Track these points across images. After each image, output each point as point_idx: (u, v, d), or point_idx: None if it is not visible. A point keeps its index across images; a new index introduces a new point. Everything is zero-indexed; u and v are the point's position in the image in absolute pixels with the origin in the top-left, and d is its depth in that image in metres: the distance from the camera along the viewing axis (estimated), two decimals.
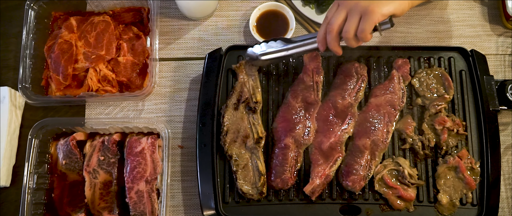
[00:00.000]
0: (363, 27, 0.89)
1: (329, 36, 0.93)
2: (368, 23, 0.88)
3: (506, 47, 1.22)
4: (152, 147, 1.09)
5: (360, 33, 0.90)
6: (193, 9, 1.18)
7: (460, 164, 1.03)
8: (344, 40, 0.93)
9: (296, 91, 1.08)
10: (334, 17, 0.92)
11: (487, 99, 1.07)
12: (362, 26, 0.89)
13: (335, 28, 0.92)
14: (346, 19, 0.91)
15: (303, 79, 1.09)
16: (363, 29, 0.89)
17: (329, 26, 0.92)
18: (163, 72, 1.20)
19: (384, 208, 1.04)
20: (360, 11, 0.89)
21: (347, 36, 0.91)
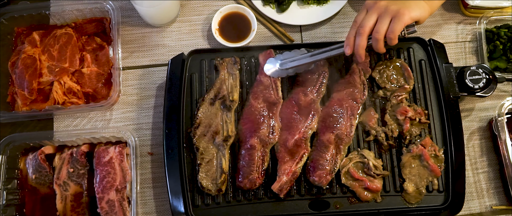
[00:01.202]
0: (394, 28, 0.96)
1: (360, 38, 0.99)
2: (399, 25, 0.96)
3: (465, 34, 1.25)
4: (120, 156, 1.10)
5: (390, 34, 0.97)
6: (155, 16, 1.19)
7: (423, 152, 1.05)
8: (373, 41, 0.99)
9: (256, 93, 1.09)
10: (366, 20, 0.99)
11: (447, 87, 1.09)
12: (393, 27, 0.96)
13: (366, 30, 0.98)
14: (376, 22, 0.98)
15: (260, 80, 1.10)
16: (394, 30, 0.96)
17: (361, 28, 0.98)
18: (129, 81, 1.21)
19: (352, 200, 1.05)
20: (391, 14, 0.97)
21: (378, 37, 0.98)
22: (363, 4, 1.03)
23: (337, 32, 1.24)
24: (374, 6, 0.99)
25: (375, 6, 0.99)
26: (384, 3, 0.98)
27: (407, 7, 0.97)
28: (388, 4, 0.98)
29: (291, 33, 1.24)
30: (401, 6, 0.97)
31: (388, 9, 0.97)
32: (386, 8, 0.98)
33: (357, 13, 1.03)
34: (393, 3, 0.98)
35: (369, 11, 1.00)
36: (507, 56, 1.18)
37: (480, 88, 1.09)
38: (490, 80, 1.10)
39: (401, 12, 0.96)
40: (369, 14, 0.99)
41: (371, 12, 0.99)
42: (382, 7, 0.98)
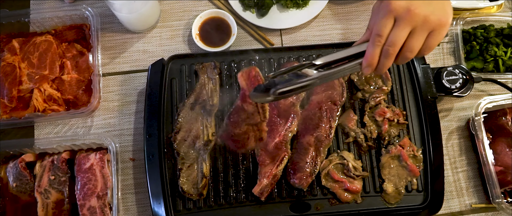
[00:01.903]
0: (433, 43, 0.76)
1: (387, 59, 0.77)
2: (439, 39, 0.77)
3: None
4: (101, 162, 1.10)
5: (426, 51, 0.77)
6: (135, 22, 1.19)
7: (402, 153, 1.06)
8: (400, 59, 0.78)
9: (237, 122, 1.03)
10: (397, 35, 0.74)
11: (424, 88, 1.11)
12: (432, 43, 0.76)
13: (398, 49, 0.76)
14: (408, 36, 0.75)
15: (242, 108, 1.04)
16: (432, 45, 0.76)
17: (390, 47, 0.75)
18: (110, 87, 1.21)
19: (333, 202, 1.06)
20: (431, 27, 0.74)
21: (410, 56, 0.77)
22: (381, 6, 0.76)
23: (317, 35, 1.26)
24: (407, 16, 0.73)
25: (409, 16, 0.73)
26: (422, 11, 0.73)
27: (446, 15, 0.75)
28: (427, 13, 0.73)
29: (271, 36, 1.25)
30: (442, 14, 0.74)
31: (427, 21, 0.73)
32: (425, 20, 0.73)
33: (377, 20, 0.76)
34: (432, 12, 0.73)
35: (399, 21, 0.74)
36: (483, 56, 1.20)
37: (457, 88, 1.11)
38: (467, 80, 1.12)
39: (444, 23, 0.75)
40: (400, 26, 0.74)
41: (404, 23, 0.74)
42: (420, 18, 0.73)
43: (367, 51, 0.77)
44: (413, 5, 0.73)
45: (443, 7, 0.75)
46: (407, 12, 0.73)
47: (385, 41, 0.75)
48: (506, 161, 1.11)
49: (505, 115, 1.14)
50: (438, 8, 0.74)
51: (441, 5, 0.75)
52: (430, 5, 0.74)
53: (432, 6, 0.74)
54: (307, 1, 1.24)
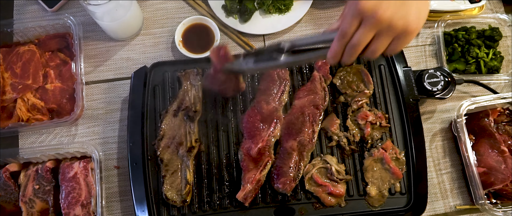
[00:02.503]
0: (397, 48, 0.75)
1: (349, 58, 0.76)
2: (404, 44, 0.74)
3: (425, 38, 1.27)
4: (84, 171, 1.10)
5: (391, 52, 0.76)
6: (118, 30, 1.20)
7: (384, 156, 1.07)
8: (365, 56, 0.78)
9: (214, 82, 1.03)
10: (361, 37, 0.73)
11: (406, 90, 1.11)
12: (396, 47, 0.74)
13: (359, 50, 0.75)
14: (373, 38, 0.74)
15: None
16: (396, 49, 0.75)
17: (353, 48, 0.74)
18: (94, 95, 1.21)
19: (317, 206, 1.06)
20: (397, 32, 0.72)
21: (373, 56, 0.76)
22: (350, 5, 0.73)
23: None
24: (372, 20, 0.70)
25: (374, 20, 0.70)
26: (387, 16, 0.70)
27: (415, 20, 0.71)
28: (392, 18, 0.70)
29: (255, 42, 1.26)
30: (409, 21, 0.71)
31: (392, 26, 0.71)
32: (390, 25, 0.71)
33: (343, 19, 0.75)
34: (399, 17, 0.70)
35: (365, 23, 0.72)
36: (465, 58, 1.21)
37: (438, 90, 1.11)
38: (448, 82, 1.13)
39: (410, 30, 0.72)
40: (365, 28, 0.72)
41: (368, 26, 0.71)
42: (385, 23, 0.70)
43: (332, 45, 0.77)
44: (380, 9, 0.69)
45: (415, 12, 0.72)
46: (373, 16, 0.70)
47: (349, 39, 0.74)
48: (489, 162, 1.11)
49: (488, 116, 1.15)
50: (408, 14, 0.71)
51: (413, 10, 0.71)
52: (400, 9, 0.70)
53: (402, 11, 0.70)
54: (289, 6, 1.25)
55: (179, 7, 1.28)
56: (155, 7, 1.28)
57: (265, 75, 1.13)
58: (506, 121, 1.17)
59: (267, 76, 1.13)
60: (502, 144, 1.11)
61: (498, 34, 1.23)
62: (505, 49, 1.24)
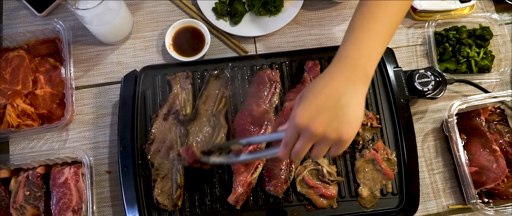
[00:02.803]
0: (337, 152, 0.80)
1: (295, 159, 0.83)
2: (341, 151, 0.79)
3: (416, 38, 1.27)
4: (75, 176, 1.09)
5: (333, 155, 0.84)
6: (107, 34, 1.19)
7: (376, 157, 1.06)
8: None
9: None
10: (300, 149, 0.79)
11: (397, 91, 1.11)
12: (336, 152, 0.80)
13: (303, 155, 0.81)
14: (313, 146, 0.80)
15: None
16: (337, 153, 0.80)
17: (296, 154, 0.81)
18: (84, 100, 1.21)
19: (309, 208, 1.06)
20: (331, 142, 0.77)
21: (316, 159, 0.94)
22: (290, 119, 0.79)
23: (290, 41, 1.26)
24: (308, 134, 0.76)
25: (309, 134, 0.76)
26: (320, 131, 0.75)
27: (349, 130, 0.76)
28: (325, 132, 0.75)
29: (245, 44, 1.25)
30: (342, 132, 0.75)
31: (326, 137, 0.76)
32: (324, 137, 0.76)
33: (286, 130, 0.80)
34: (332, 130, 0.75)
35: (302, 136, 0.78)
36: (456, 58, 1.21)
37: (429, 90, 1.11)
38: (439, 82, 1.13)
39: (343, 140, 0.76)
40: (303, 141, 0.78)
41: (305, 139, 0.77)
42: (319, 136, 0.76)
43: (280, 149, 0.82)
44: (314, 125, 0.75)
45: (347, 124, 0.75)
46: (308, 131, 0.76)
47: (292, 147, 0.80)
48: (481, 161, 1.11)
49: (479, 116, 1.15)
50: (340, 126, 0.75)
51: (345, 122, 0.75)
52: (332, 123, 0.75)
53: (334, 124, 0.75)
54: (280, 8, 1.24)
55: (169, 10, 1.28)
56: (146, 11, 1.28)
57: (255, 78, 1.13)
58: (497, 120, 1.16)
59: (258, 78, 1.12)
60: (493, 143, 1.11)
61: (489, 33, 1.23)
62: (496, 48, 1.24)
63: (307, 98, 0.77)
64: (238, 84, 1.14)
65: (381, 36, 0.80)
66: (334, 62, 0.80)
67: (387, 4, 0.81)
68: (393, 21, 0.82)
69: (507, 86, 1.24)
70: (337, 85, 0.76)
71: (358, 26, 0.81)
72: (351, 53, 0.78)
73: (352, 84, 0.76)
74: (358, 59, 0.78)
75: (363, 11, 0.82)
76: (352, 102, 0.76)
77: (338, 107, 0.75)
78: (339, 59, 0.79)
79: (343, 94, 0.75)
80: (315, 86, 0.77)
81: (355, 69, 0.77)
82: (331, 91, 0.76)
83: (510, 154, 1.12)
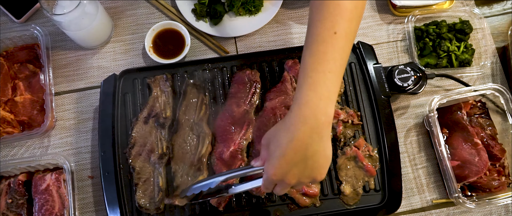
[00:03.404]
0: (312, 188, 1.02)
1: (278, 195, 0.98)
2: (316, 186, 1.04)
3: (396, 33, 1.27)
4: (57, 183, 1.09)
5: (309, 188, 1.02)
6: (86, 39, 1.19)
7: (357, 153, 1.06)
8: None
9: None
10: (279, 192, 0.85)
11: (377, 87, 1.11)
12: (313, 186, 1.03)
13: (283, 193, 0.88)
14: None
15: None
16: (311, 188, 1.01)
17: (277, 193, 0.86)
18: (65, 105, 1.20)
19: (292, 207, 1.05)
20: (307, 183, 0.83)
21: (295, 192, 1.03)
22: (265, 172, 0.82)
23: (271, 41, 1.26)
24: (284, 184, 0.81)
25: (285, 184, 0.81)
26: (295, 181, 0.80)
27: (321, 172, 0.80)
28: (299, 180, 0.80)
29: (226, 45, 1.25)
30: (315, 175, 0.80)
31: (301, 183, 0.82)
32: (299, 183, 0.82)
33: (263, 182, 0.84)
34: (305, 177, 0.80)
35: (279, 185, 0.83)
36: (436, 52, 1.21)
37: (409, 85, 1.11)
38: (420, 77, 1.13)
39: (317, 179, 0.81)
40: (280, 187, 0.83)
41: (282, 186, 0.83)
42: (294, 184, 0.81)
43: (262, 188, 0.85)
44: (287, 178, 0.79)
45: (317, 167, 0.79)
46: (283, 182, 0.81)
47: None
48: (463, 155, 1.11)
49: (460, 110, 1.15)
50: (312, 171, 0.79)
51: (315, 167, 0.79)
52: (304, 172, 0.79)
53: (306, 172, 0.79)
54: (259, 8, 1.24)
55: (149, 13, 1.27)
56: (125, 14, 1.27)
57: (235, 78, 1.13)
58: (479, 114, 1.17)
59: (238, 79, 1.12)
60: (475, 137, 1.12)
61: (469, 27, 1.23)
62: (476, 41, 1.24)
63: (274, 154, 0.79)
64: (218, 85, 1.13)
65: (334, 74, 0.79)
66: (294, 110, 0.78)
67: (334, 41, 0.79)
68: (343, 56, 0.80)
69: (488, 79, 1.24)
70: (302, 137, 0.76)
71: (311, 69, 0.79)
72: (309, 99, 0.77)
73: (317, 133, 0.77)
74: (317, 104, 0.77)
75: (313, 52, 0.80)
76: (319, 148, 0.77)
77: (307, 158, 0.77)
78: (299, 106, 0.78)
79: (309, 145, 0.76)
80: (281, 141, 0.78)
81: (316, 116, 0.76)
82: (297, 145, 0.76)
83: (491, 147, 1.12)
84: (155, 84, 1.11)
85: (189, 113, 1.08)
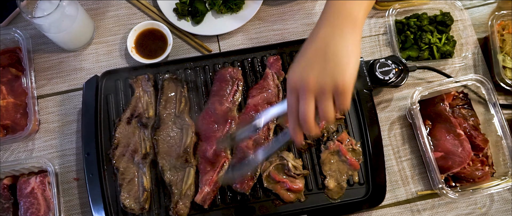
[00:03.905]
0: (344, 104, 0.74)
1: (307, 128, 0.76)
2: (347, 98, 0.74)
3: (378, 27, 1.28)
4: (42, 186, 1.09)
5: (341, 109, 0.75)
6: (68, 41, 1.18)
7: (340, 148, 1.07)
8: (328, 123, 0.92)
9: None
10: (305, 109, 0.74)
11: (359, 81, 1.11)
12: (343, 104, 0.74)
13: (311, 119, 0.75)
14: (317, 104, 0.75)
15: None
16: (344, 105, 0.75)
17: (304, 122, 0.75)
18: (49, 108, 1.20)
19: (277, 203, 1.06)
20: (330, 90, 0.73)
21: (329, 120, 0.76)
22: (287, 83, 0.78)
23: (254, 38, 1.26)
24: (305, 90, 0.74)
25: (306, 90, 0.74)
26: (313, 81, 0.73)
27: (342, 70, 0.72)
28: (319, 81, 0.73)
29: (209, 43, 1.25)
30: (335, 72, 0.72)
31: (323, 86, 0.73)
32: (320, 86, 0.73)
33: (287, 96, 0.79)
34: (324, 76, 0.73)
35: (301, 95, 0.75)
36: (418, 45, 1.22)
37: (390, 78, 1.12)
38: (401, 70, 1.13)
39: (340, 83, 0.72)
40: (304, 100, 0.74)
41: (306, 97, 0.74)
42: (315, 86, 0.73)
43: (289, 127, 0.79)
44: (306, 79, 0.74)
45: (339, 66, 0.73)
46: (302, 86, 0.74)
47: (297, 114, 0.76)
48: (447, 146, 1.12)
49: (443, 101, 1.16)
50: (334, 71, 0.73)
51: (337, 65, 0.73)
52: (324, 70, 0.73)
53: (327, 70, 0.73)
54: (240, 5, 1.24)
55: (131, 14, 1.27)
56: (106, 15, 1.27)
57: (217, 76, 1.13)
58: (461, 105, 1.18)
59: (220, 77, 1.12)
60: (458, 128, 1.12)
61: (450, 18, 1.23)
62: (457, 33, 1.25)
63: (296, 59, 0.76)
64: (201, 83, 1.13)
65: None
66: (321, 16, 0.78)
67: None
68: None
69: (471, 70, 1.25)
70: (323, 36, 0.75)
71: None
72: (335, 2, 0.77)
73: (339, 31, 0.74)
74: (343, 4, 0.76)
75: None
76: (340, 47, 0.73)
77: (328, 56, 0.73)
78: (326, 10, 0.78)
79: (331, 43, 0.73)
80: (304, 46, 0.77)
81: (340, 15, 0.75)
82: (318, 44, 0.74)
83: (474, 137, 1.13)
84: (137, 84, 1.11)
85: (169, 108, 1.09)
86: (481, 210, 1.14)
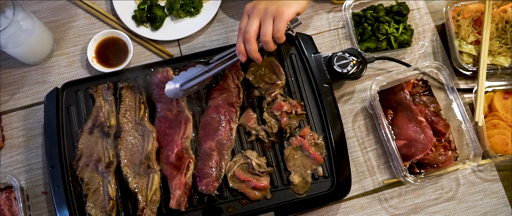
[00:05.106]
0: (278, 27, 0.98)
1: (249, 44, 0.99)
2: (282, 23, 0.98)
3: (337, 21, 1.29)
4: (8, 201, 1.09)
5: (277, 34, 0.99)
6: (27, 55, 1.18)
7: (303, 143, 1.08)
8: (263, 44, 1.01)
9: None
10: (249, 25, 0.99)
11: (318, 76, 1.13)
12: (277, 27, 0.98)
13: (252, 35, 0.99)
14: (260, 26, 1.00)
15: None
16: (279, 29, 0.98)
17: (247, 34, 0.99)
18: (13, 123, 1.20)
19: (244, 202, 1.07)
20: (272, 14, 0.98)
21: (265, 39, 0.99)
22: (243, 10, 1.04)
23: (214, 40, 1.27)
24: (253, 11, 1.01)
25: (254, 11, 1.00)
26: (262, 5, 1.00)
27: (285, 4, 0.99)
28: (266, 5, 1.00)
29: (170, 48, 1.26)
30: (279, 4, 0.99)
31: (267, 11, 0.99)
32: (266, 10, 0.99)
33: (240, 20, 1.03)
34: (271, 3, 1.00)
35: (250, 16, 1.01)
36: (376, 36, 1.23)
37: (349, 71, 1.13)
38: (359, 62, 1.15)
39: (280, 11, 0.98)
40: (251, 19, 1.00)
41: (252, 17, 1.00)
42: (262, 10, 1.00)
43: (236, 44, 1.02)
44: (256, 5, 1.02)
45: (283, 3, 1.00)
46: (253, 8, 1.02)
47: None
48: (409, 134, 1.13)
49: (403, 90, 1.17)
50: (278, 5, 1.00)
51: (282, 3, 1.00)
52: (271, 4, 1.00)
53: (272, 4, 1.00)
54: (199, 9, 1.25)
55: (90, 23, 1.28)
56: (66, 27, 1.27)
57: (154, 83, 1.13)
58: (421, 92, 1.19)
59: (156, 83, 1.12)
60: (419, 115, 1.14)
61: (406, 8, 1.25)
62: (414, 21, 1.27)
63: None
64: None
65: None
66: None
67: None
68: None
69: (430, 57, 1.27)
70: None
71: None
72: None
73: None
74: None
75: None
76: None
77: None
78: None
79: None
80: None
81: None
82: None
83: (435, 123, 1.14)
84: (97, 93, 1.11)
85: (129, 115, 1.09)
86: (448, 194, 1.16)
